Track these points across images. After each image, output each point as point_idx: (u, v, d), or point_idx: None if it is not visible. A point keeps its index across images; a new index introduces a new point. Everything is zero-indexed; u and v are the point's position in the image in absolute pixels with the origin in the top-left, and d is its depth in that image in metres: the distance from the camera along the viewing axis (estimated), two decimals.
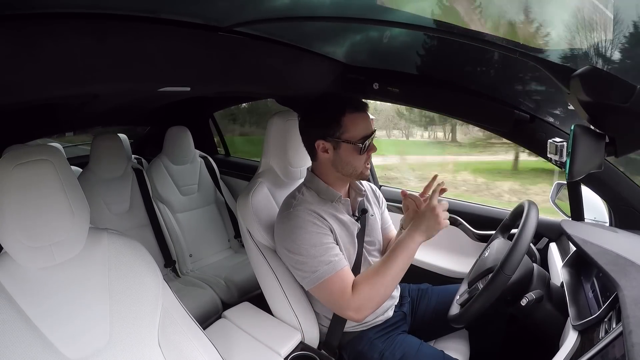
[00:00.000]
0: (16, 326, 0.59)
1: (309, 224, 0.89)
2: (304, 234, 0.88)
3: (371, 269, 0.89)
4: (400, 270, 0.88)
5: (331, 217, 0.95)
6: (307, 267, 0.87)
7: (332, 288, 0.87)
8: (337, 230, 0.94)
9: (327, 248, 0.88)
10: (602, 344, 0.58)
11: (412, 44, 1.04)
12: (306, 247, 0.87)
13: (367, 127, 0.92)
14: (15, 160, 0.60)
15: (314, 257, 0.87)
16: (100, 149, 1.68)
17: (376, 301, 0.87)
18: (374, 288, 0.86)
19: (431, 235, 0.89)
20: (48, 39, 0.65)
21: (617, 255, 0.70)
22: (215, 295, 1.62)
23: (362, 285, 0.86)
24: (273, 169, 1.16)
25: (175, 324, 0.75)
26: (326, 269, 0.86)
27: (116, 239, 0.73)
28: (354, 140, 0.90)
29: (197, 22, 0.86)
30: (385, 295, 0.88)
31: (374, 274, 0.87)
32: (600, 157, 0.70)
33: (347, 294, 0.86)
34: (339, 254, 0.89)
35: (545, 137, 0.96)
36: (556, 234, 1.17)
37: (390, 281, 0.86)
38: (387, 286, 0.87)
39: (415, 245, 0.88)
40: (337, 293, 0.86)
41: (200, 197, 2.03)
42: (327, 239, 0.90)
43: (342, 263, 0.88)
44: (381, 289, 0.86)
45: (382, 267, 0.87)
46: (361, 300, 0.85)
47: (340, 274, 0.87)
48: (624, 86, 0.62)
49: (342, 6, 0.84)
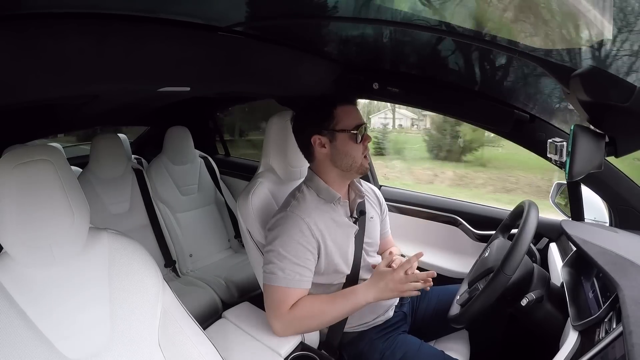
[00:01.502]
0: (16, 326, 0.59)
1: (297, 231, 0.90)
2: (287, 239, 0.89)
3: (316, 298, 0.91)
4: (341, 316, 0.91)
5: (327, 221, 0.95)
6: (272, 266, 0.89)
7: (275, 297, 0.89)
8: (329, 234, 0.94)
9: (297, 263, 0.89)
10: (602, 344, 0.58)
11: (412, 44, 1.04)
12: (281, 251, 0.89)
13: (358, 117, 0.95)
14: (15, 160, 0.60)
15: (281, 262, 0.88)
16: (100, 149, 1.68)
17: (305, 330, 0.93)
18: (309, 320, 0.90)
19: (385, 299, 0.90)
20: (48, 39, 0.65)
21: (617, 255, 0.70)
22: (215, 295, 1.62)
23: (300, 312, 0.88)
24: (273, 169, 1.16)
25: (175, 324, 0.75)
26: (282, 278, 0.88)
27: (116, 239, 0.73)
28: (349, 129, 0.92)
29: (197, 22, 0.86)
30: (316, 329, 0.95)
31: (318, 308, 0.89)
32: (600, 157, 0.70)
33: (284, 309, 0.88)
34: (304, 274, 0.90)
35: (545, 137, 0.96)
36: (556, 234, 1.17)
37: (327, 321, 0.92)
38: (322, 323, 0.92)
39: (363, 301, 0.89)
40: (275, 303, 0.89)
41: (200, 197, 2.03)
42: (304, 254, 0.90)
43: (301, 284, 0.89)
44: (315, 323, 0.92)
45: (327, 302, 0.90)
46: (293, 320, 0.89)
47: (290, 292, 0.88)
48: (624, 86, 0.62)
49: (343, 6, 0.84)
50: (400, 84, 1.20)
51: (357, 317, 1.01)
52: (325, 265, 0.95)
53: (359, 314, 1.01)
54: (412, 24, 0.82)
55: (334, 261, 0.96)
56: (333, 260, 0.95)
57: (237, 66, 1.00)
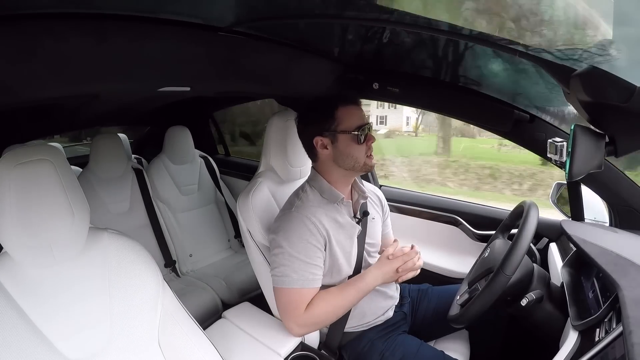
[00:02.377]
0: (16, 326, 0.59)
1: (305, 230, 0.90)
2: (296, 239, 0.89)
3: (329, 294, 0.91)
4: (353, 302, 0.93)
5: (330, 221, 0.95)
6: (283, 268, 0.89)
7: (290, 299, 0.89)
8: (334, 235, 0.94)
9: (309, 262, 0.89)
10: (602, 344, 0.58)
11: (412, 44, 1.04)
12: (291, 252, 0.88)
13: (361, 117, 0.95)
14: (15, 160, 0.60)
15: (292, 263, 0.88)
16: (100, 149, 1.68)
17: (321, 325, 0.95)
18: (326, 316, 0.91)
19: (388, 282, 0.95)
20: (48, 39, 0.65)
21: (617, 255, 0.70)
22: (215, 296, 1.62)
23: (316, 308, 0.89)
24: (273, 169, 1.16)
25: (175, 324, 0.75)
26: (296, 280, 0.88)
27: (116, 239, 0.73)
28: (350, 130, 0.92)
29: (197, 22, 0.86)
30: (331, 321, 0.94)
31: (331, 301, 0.90)
32: (600, 157, 0.70)
33: (300, 310, 0.89)
34: (316, 273, 0.90)
35: (545, 137, 0.96)
36: (556, 234, 1.17)
37: (342, 311, 0.92)
38: (337, 314, 0.92)
39: (372, 286, 0.92)
40: (291, 305, 0.89)
41: (200, 197, 2.03)
42: (315, 252, 0.90)
43: (314, 283, 0.90)
44: (331, 316, 0.92)
45: (339, 295, 0.91)
46: (310, 320, 0.89)
47: (304, 292, 0.89)
48: (624, 86, 0.61)
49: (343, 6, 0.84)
50: (401, 83, 1.20)
51: (358, 317, 1.01)
52: (329, 265, 0.95)
53: (360, 314, 1.01)
54: (412, 24, 0.82)
55: (338, 261, 0.96)
56: (337, 260, 0.96)
57: (238, 66, 1.00)
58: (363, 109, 0.98)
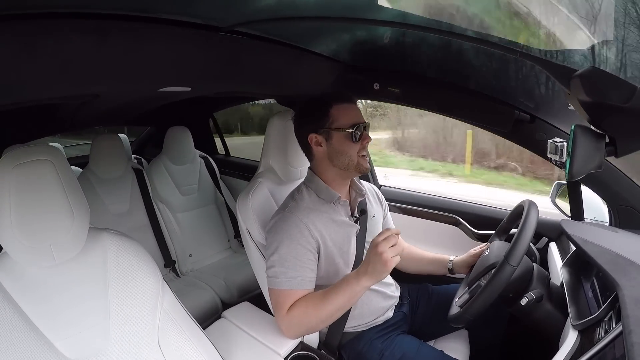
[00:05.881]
0: (16, 326, 0.59)
1: (296, 232, 0.90)
2: (287, 241, 0.89)
3: (311, 295, 0.89)
4: (340, 309, 0.85)
5: (326, 221, 0.94)
6: (274, 269, 0.89)
7: (279, 300, 0.89)
8: (329, 235, 0.94)
9: (299, 264, 0.89)
10: (602, 343, 0.58)
11: (413, 44, 1.04)
12: (282, 253, 0.89)
13: (356, 115, 0.94)
14: (15, 160, 0.60)
15: (282, 265, 0.88)
16: (100, 149, 1.68)
17: (307, 328, 0.90)
18: (306, 318, 0.87)
19: (380, 278, 0.81)
20: (48, 39, 0.65)
21: (617, 255, 0.70)
22: (215, 295, 1.62)
23: (296, 311, 0.87)
24: (273, 169, 1.16)
25: (174, 324, 0.75)
26: (285, 281, 0.88)
27: (116, 239, 0.73)
28: (344, 128, 0.92)
29: (198, 22, 0.86)
30: (319, 326, 0.91)
31: (312, 305, 0.87)
32: (600, 157, 0.70)
33: (283, 311, 0.88)
34: (306, 275, 0.90)
35: (545, 137, 0.96)
36: (556, 233, 1.17)
37: (326, 316, 0.86)
38: (322, 320, 0.87)
39: (359, 288, 0.82)
40: (278, 305, 0.89)
41: (200, 197, 2.03)
42: (305, 255, 0.90)
43: (303, 285, 0.89)
44: (313, 320, 0.87)
45: (321, 300, 0.85)
46: (291, 322, 0.88)
47: (293, 293, 0.88)
48: (624, 86, 0.62)
49: (343, 6, 0.84)
50: (401, 84, 1.20)
51: (357, 317, 1.01)
52: (326, 267, 0.95)
53: (359, 314, 1.01)
54: (413, 25, 0.82)
55: (335, 261, 0.96)
56: (334, 260, 0.95)
57: (238, 66, 1.00)
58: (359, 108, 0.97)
